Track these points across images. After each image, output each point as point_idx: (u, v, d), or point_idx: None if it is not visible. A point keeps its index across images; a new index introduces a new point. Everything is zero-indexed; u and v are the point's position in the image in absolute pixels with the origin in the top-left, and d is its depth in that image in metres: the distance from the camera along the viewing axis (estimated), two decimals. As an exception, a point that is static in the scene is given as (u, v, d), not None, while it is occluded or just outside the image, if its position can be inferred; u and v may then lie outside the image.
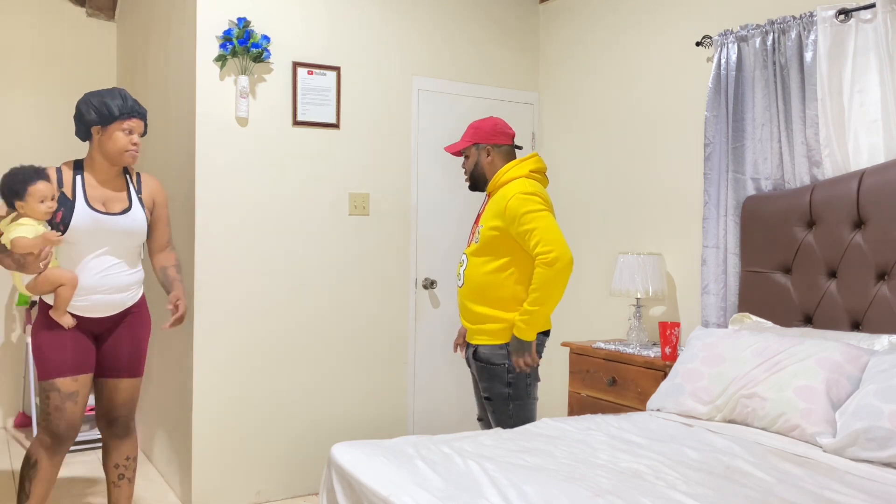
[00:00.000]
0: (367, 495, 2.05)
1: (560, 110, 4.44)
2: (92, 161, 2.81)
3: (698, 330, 3.03)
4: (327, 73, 3.83)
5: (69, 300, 2.70)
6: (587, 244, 4.24)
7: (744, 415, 2.60)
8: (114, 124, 2.74)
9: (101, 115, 2.73)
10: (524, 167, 2.94)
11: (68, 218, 2.70)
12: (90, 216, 2.73)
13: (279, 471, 3.75)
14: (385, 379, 4.05)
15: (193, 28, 3.55)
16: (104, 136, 2.76)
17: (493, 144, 2.98)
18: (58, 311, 2.70)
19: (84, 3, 5.12)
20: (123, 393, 2.91)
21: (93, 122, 2.74)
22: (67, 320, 2.70)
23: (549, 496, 1.88)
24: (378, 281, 4.02)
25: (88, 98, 2.76)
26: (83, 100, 2.77)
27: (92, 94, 2.77)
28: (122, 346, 2.88)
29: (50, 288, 2.67)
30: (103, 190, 2.80)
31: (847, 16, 2.89)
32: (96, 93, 2.77)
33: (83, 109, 2.75)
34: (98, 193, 2.78)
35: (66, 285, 2.68)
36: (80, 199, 2.74)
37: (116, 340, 2.87)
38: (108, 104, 2.73)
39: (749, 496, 1.93)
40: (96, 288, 2.75)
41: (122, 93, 2.78)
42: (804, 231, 3.03)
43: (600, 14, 4.18)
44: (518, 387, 2.90)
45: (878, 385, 2.31)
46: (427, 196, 4.18)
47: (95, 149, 2.79)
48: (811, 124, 3.00)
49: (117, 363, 2.88)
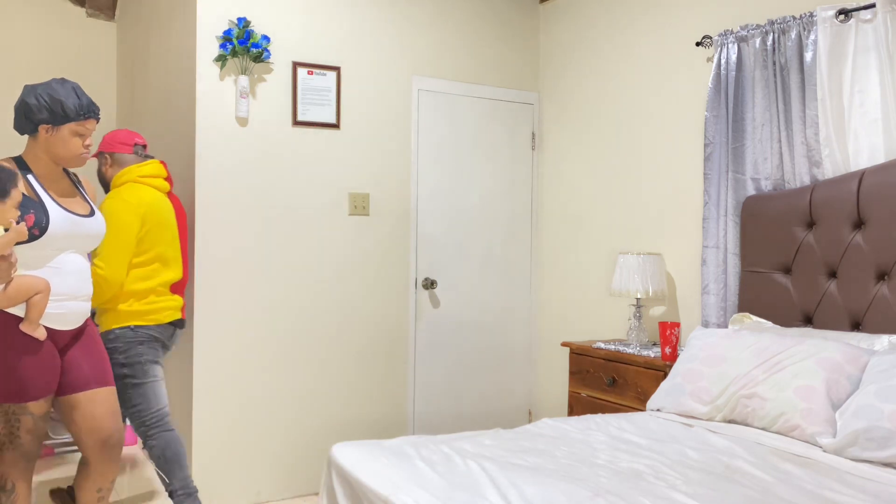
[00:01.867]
0: (367, 495, 2.05)
1: (560, 110, 4.44)
2: (36, 160, 2.53)
3: (698, 330, 3.03)
4: (327, 73, 3.83)
5: (44, 310, 2.42)
6: (587, 244, 4.24)
7: (744, 415, 2.60)
8: (67, 125, 2.49)
9: (53, 114, 2.46)
10: (133, 173, 3.14)
11: (44, 221, 2.40)
12: (68, 219, 2.48)
13: (279, 471, 3.75)
14: (385, 379, 4.05)
15: (193, 28, 3.55)
16: (54, 137, 2.49)
17: (112, 153, 3.24)
18: (32, 324, 2.40)
19: (84, 3, 5.12)
20: (104, 404, 2.62)
21: (43, 120, 2.46)
22: (41, 332, 2.42)
23: (549, 496, 1.88)
24: (378, 281, 4.02)
25: (38, 92, 2.46)
26: (32, 92, 2.47)
27: (42, 87, 2.47)
28: (87, 356, 2.61)
29: (26, 297, 2.38)
30: (60, 191, 2.55)
31: (847, 16, 2.89)
32: (46, 86, 2.48)
33: (32, 105, 2.45)
34: (59, 195, 2.54)
35: (42, 293, 2.40)
36: (48, 200, 2.47)
37: (80, 351, 2.59)
38: (63, 103, 2.46)
39: (749, 496, 1.93)
40: (75, 294, 2.52)
41: (76, 89, 2.51)
42: (804, 231, 3.03)
43: (600, 14, 4.18)
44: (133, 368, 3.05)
45: (878, 385, 2.31)
46: (427, 196, 4.18)
47: (41, 147, 2.51)
48: (811, 124, 3.00)
49: (85, 374, 2.59)
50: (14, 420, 2.44)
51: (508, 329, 4.49)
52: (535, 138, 4.57)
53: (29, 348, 2.42)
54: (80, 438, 2.63)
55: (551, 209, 4.49)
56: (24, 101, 2.49)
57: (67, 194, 2.60)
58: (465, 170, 4.31)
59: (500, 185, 4.44)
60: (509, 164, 4.47)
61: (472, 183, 4.34)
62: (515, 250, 4.51)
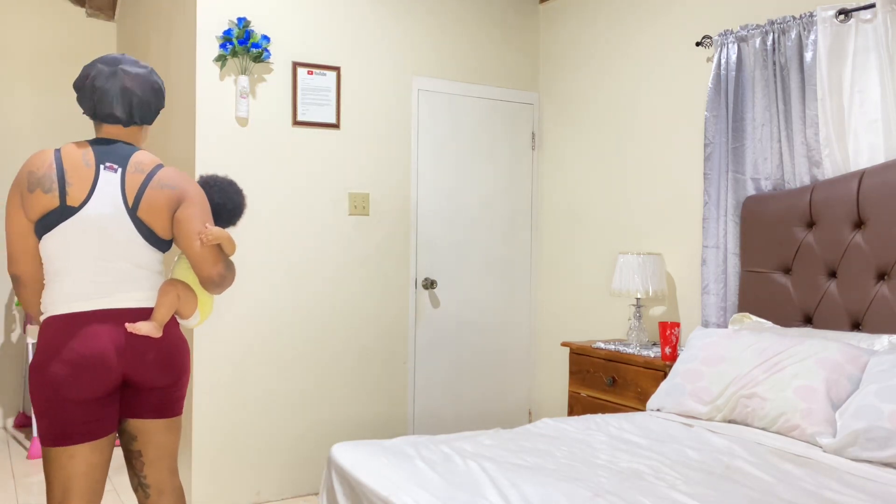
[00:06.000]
0: (367, 495, 2.05)
1: (560, 110, 4.44)
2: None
3: (698, 330, 3.03)
4: (327, 73, 3.83)
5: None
6: (587, 244, 4.24)
7: (744, 415, 2.60)
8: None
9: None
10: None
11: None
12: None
13: (279, 471, 3.75)
14: (385, 379, 4.05)
15: (193, 28, 3.55)
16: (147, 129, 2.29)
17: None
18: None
19: (84, 3, 5.12)
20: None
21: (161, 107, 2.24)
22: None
23: (549, 496, 1.88)
24: (378, 281, 4.02)
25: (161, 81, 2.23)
26: (153, 72, 2.20)
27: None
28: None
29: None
30: None
31: (847, 16, 2.89)
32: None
33: (163, 89, 2.22)
34: None
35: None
36: None
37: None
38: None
39: (749, 496, 1.93)
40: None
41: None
42: (804, 231, 3.03)
43: (600, 14, 4.18)
44: None
45: (878, 385, 2.31)
46: (427, 196, 4.18)
47: (144, 139, 2.26)
48: (811, 124, 3.00)
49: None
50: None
51: (508, 329, 4.49)
52: (535, 138, 4.57)
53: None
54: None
55: (551, 209, 4.49)
56: (159, 85, 2.21)
57: None
58: (465, 170, 4.31)
59: (500, 185, 4.44)
60: (509, 164, 4.47)
61: (472, 183, 4.34)
62: (515, 250, 4.51)
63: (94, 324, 2.02)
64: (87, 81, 2.11)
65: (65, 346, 2.00)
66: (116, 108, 2.11)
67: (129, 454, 2.20)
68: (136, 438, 2.17)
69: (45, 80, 5.07)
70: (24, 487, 3.80)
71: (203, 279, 2.17)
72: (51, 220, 2.02)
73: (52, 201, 2.00)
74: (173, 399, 2.19)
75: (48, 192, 2.00)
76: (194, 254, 2.13)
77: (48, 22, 5.08)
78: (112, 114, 2.12)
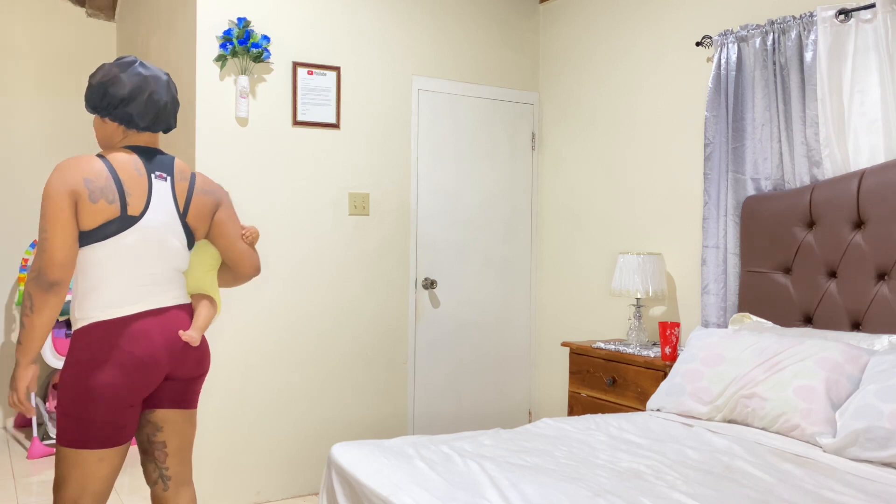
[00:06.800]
0: (367, 495, 2.05)
1: (560, 110, 4.44)
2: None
3: (698, 330, 3.03)
4: (327, 73, 3.83)
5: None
6: (587, 244, 4.24)
7: (744, 415, 2.60)
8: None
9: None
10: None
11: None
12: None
13: (279, 471, 3.75)
14: (385, 379, 4.05)
15: (193, 28, 3.55)
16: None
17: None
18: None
19: (84, 3, 5.12)
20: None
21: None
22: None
23: (549, 496, 1.88)
24: (378, 281, 4.02)
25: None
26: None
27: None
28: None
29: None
30: None
31: (847, 16, 2.89)
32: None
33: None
34: None
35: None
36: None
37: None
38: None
39: (749, 496, 1.93)
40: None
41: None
42: (804, 231, 3.03)
43: (600, 14, 4.18)
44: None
45: (878, 385, 2.31)
46: (427, 196, 4.19)
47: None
48: (811, 124, 3.00)
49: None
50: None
51: (508, 329, 4.49)
52: (535, 138, 4.57)
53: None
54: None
55: (551, 209, 4.49)
56: (176, 90, 2.32)
57: None
58: (465, 170, 4.31)
59: (500, 185, 4.44)
60: (509, 164, 4.47)
61: (472, 183, 4.34)
62: (515, 250, 4.51)
63: (144, 325, 2.08)
64: (143, 95, 2.14)
65: (115, 350, 2.03)
66: (171, 120, 2.22)
67: (152, 445, 2.23)
68: (161, 429, 2.21)
69: (45, 81, 5.07)
70: (24, 487, 3.81)
71: (242, 275, 2.36)
72: (109, 230, 2.05)
73: (113, 211, 2.05)
74: (195, 391, 2.27)
75: (112, 202, 2.05)
76: (237, 252, 2.31)
77: (48, 22, 5.08)
78: (169, 125, 2.22)
